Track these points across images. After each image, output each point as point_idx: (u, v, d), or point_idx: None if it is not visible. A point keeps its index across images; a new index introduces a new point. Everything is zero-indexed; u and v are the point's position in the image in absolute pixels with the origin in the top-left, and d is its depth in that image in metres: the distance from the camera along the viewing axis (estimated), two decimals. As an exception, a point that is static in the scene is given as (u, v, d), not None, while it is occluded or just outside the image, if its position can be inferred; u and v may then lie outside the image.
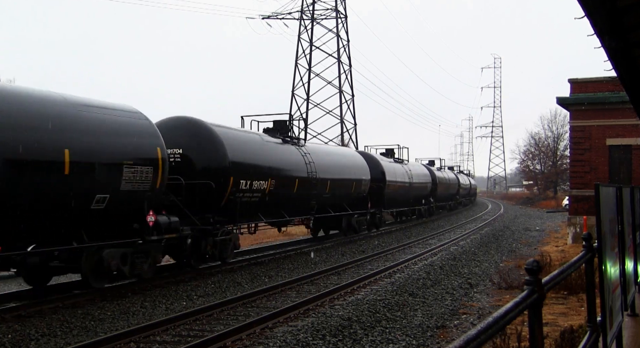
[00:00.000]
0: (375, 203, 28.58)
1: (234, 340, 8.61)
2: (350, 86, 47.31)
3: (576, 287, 11.67)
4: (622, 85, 9.73)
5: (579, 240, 20.37)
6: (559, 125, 71.46)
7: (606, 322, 4.82)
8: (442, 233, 28.31)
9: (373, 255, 19.06)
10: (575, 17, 6.45)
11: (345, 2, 47.32)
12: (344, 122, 46.92)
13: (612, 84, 22.96)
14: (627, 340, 6.27)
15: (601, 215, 4.91)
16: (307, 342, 8.43)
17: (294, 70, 46.58)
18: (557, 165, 71.19)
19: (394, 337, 8.93)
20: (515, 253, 20.25)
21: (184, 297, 12.22)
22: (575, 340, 6.94)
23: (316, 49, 46.85)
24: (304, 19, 46.78)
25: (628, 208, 6.99)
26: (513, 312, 2.70)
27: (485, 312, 10.70)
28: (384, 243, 23.38)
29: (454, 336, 9.08)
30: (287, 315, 10.10)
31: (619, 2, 5.36)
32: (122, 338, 8.62)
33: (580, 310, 10.36)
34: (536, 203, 66.68)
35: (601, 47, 6.70)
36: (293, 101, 46.27)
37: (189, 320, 9.92)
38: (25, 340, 8.81)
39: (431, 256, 18.89)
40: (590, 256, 5.19)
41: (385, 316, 10.22)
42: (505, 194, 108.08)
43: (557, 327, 8.85)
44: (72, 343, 8.53)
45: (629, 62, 7.64)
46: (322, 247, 22.06)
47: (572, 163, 26.72)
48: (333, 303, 11.37)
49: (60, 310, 10.82)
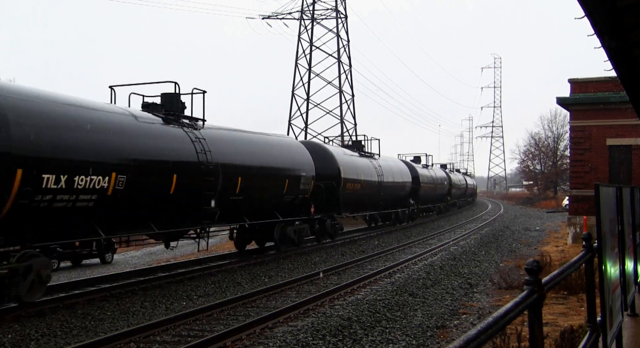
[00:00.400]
0: (326, 206, 22.87)
1: (234, 340, 8.61)
2: (350, 86, 47.30)
3: (576, 287, 11.67)
4: (622, 85, 9.72)
5: (579, 240, 20.37)
6: (559, 125, 71.58)
7: (606, 322, 4.82)
8: (441, 234, 28.31)
9: (373, 255, 19.07)
10: (575, 17, 6.45)
11: (345, 2, 47.30)
12: (344, 122, 46.90)
13: (612, 84, 22.95)
14: (627, 340, 6.27)
15: (601, 215, 4.91)
16: (307, 342, 8.43)
17: (294, 70, 46.57)
18: (557, 165, 71.22)
19: (394, 337, 8.93)
20: (515, 253, 20.25)
21: (184, 297, 12.22)
22: (575, 340, 6.94)
23: (316, 49, 46.83)
24: (304, 19, 46.76)
25: (628, 208, 6.99)
26: (513, 312, 2.70)
27: (485, 312, 10.70)
28: (384, 243, 23.38)
29: (454, 336, 9.08)
30: (287, 315, 10.10)
31: (619, 2, 5.36)
32: (122, 338, 8.62)
33: (580, 310, 10.35)
34: (536, 203, 66.71)
35: (601, 47, 6.70)
36: (293, 101, 46.27)
37: (189, 320, 9.92)
38: (25, 340, 8.81)
39: (431, 256, 18.89)
40: (590, 256, 5.19)
41: (385, 316, 10.22)
42: (505, 194, 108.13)
43: (557, 327, 8.85)
44: (72, 343, 8.53)
45: (629, 62, 7.64)
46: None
47: (572, 163, 26.73)
48: (333, 303, 11.37)
49: (60, 310, 10.82)
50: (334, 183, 23.29)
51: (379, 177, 28.57)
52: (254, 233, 19.89)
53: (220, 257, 19.07)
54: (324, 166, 22.92)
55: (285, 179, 19.33)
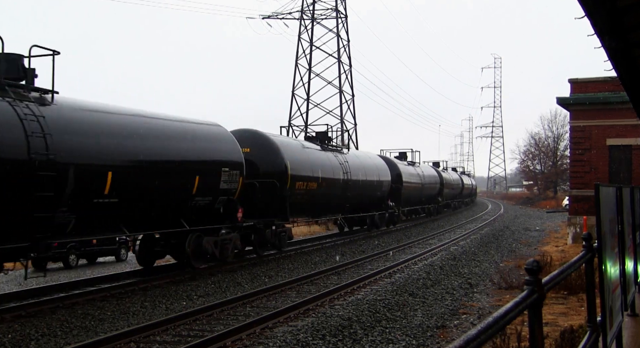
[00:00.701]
0: (266, 210, 19.59)
1: (234, 340, 8.61)
2: (351, 86, 47.31)
3: (576, 287, 11.67)
4: (622, 85, 9.73)
5: (579, 240, 20.36)
6: (559, 125, 71.59)
7: (606, 322, 4.82)
8: (441, 234, 28.31)
9: (373, 255, 19.06)
10: (575, 17, 6.45)
11: (345, 2, 47.30)
12: (344, 122, 46.90)
13: (612, 84, 22.96)
14: (627, 340, 6.27)
15: (601, 215, 4.91)
16: (307, 342, 8.43)
17: (294, 70, 46.57)
18: (557, 165, 71.23)
19: (394, 337, 8.93)
20: (515, 253, 20.25)
21: (184, 297, 12.22)
22: (575, 340, 6.94)
23: (316, 49, 46.83)
24: (304, 18, 46.76)
25: (628, 208, 6.99)
26: (513, 312, 2.70)
27: (485, 312, 10.69)
28: (384, 243, 23.38)
29: (454, 336, 9.08)
30: (287, 315, 10.10)
31: (619, 2, 5.36)
32: (122, 338, 8.62)
33: (580, 310, 10.35)
34: (536, 203, 66.73)
35: (601, 47, 6.71)
36: (293, 101, 46.27)
37: (189, 320, 9.92)
38: (25, 340, 8.81)
39: (431, 256, 18.89)
40: (590, 256, 5.19)
41: (385, 316, 10.22)
42: (505, 194, 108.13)
43: (557, 327, 8.85)
44: (72, 343, 8.53)
45: (629, 62, 7.64)
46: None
47: (572, 163, 26.75)
48: (333, 303, 11.37)
49: (60, 310, 10.83)
50: (275, 181, 19.04)
51: (345, 174, 24.28)
52: (165, 247, 15.74)
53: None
54: (265, 160, 18.92)
55: (195, 176, 14.73)
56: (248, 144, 18.69)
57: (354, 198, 25.71)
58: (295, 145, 21.88)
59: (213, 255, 15.78)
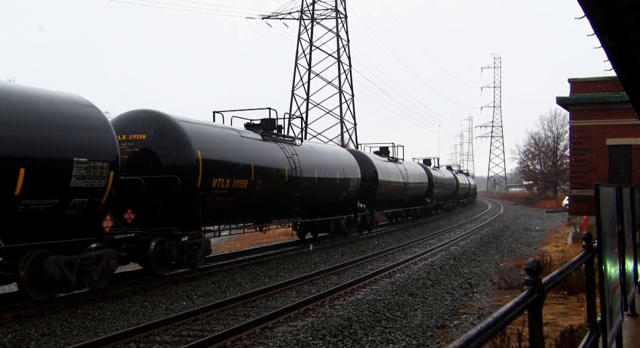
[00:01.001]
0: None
1: (234, 340, 8.61)
2: (350, 86, 47.32)
3: (576, 287, 11.67)
4: (622, 85, 9.73)
5: (579, 240, 20.37)
6: (559, 125, 71.53)
7: (606, 322, 4.82)
8: (441, 234, 28.31)
9: (373, 255, 19.05)
10: (575, 17, 6.45)
11: (345, 2, 47.32)
12: (343, 122, 46.92)
13: (612, 84, 22.97)
14: (627, 340, 6.27)
15: (601, 215, 4.91)
16: (307, 342, 8.43)
17: (294, 70, 46.59)
18: (557, 165, 71.21)
19: (394, 337, 8.93)
20: (515, 253, 20.25)
21: (184, 297, 12.22)
22: (575, 340, 6.95)
23: (316, 49, 46.85)
24: (304, 19, 46.79)
25: (628, 208, 6.99)
26: (513, 312, 2.70)
27: (485, 312, 10.70)
28: (384, 243, 23.37)
29: (454, 336, 9.08)
30: (287, 315, 10.10)
31: (619, 2, 5.36)
32: (122, 338, 8.62)
33: (580, 310, 10.36)
34: (536, 203, 66.69)
35: (601, 47, 6.71)
36: (293, 101, 46.28)
37: (189, 320, 9.92)
38: (25, 340, 8.81)
39: (431, 256, 18.89)
40: (590, 256, 5.19)
41: (385, 316, 10.22)
42: (505, 194, 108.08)
43: (557, 327, 8.86)
44: (72, 343, 8.53)
45: (629, 62, 7.65)
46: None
47: (572, 163, 26.76)
48: (333, 303, 11.37)
49: (60, 310, 10.82)
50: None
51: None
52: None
53: (223, 257, 18.94)
54: (169, 151, 15.30)
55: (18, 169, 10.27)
56: (144, 129, 14.77)
57: (306, 198, 20.86)
58: (217, 132, 16.82)
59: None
